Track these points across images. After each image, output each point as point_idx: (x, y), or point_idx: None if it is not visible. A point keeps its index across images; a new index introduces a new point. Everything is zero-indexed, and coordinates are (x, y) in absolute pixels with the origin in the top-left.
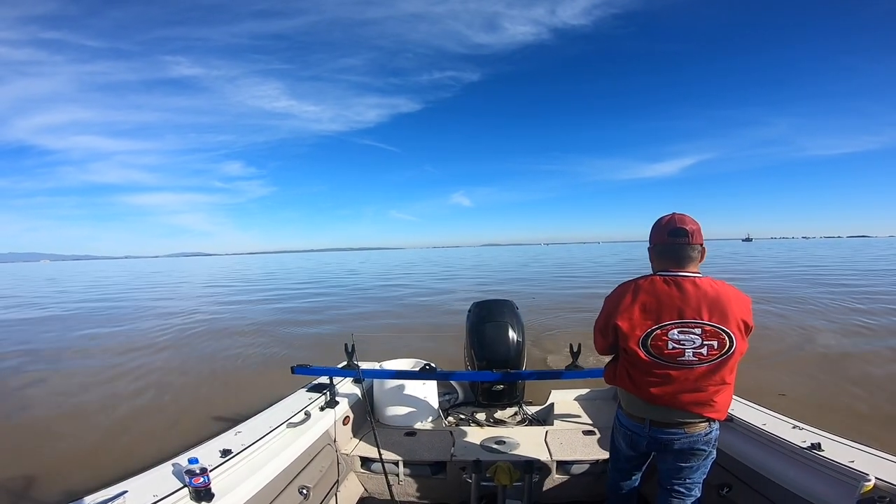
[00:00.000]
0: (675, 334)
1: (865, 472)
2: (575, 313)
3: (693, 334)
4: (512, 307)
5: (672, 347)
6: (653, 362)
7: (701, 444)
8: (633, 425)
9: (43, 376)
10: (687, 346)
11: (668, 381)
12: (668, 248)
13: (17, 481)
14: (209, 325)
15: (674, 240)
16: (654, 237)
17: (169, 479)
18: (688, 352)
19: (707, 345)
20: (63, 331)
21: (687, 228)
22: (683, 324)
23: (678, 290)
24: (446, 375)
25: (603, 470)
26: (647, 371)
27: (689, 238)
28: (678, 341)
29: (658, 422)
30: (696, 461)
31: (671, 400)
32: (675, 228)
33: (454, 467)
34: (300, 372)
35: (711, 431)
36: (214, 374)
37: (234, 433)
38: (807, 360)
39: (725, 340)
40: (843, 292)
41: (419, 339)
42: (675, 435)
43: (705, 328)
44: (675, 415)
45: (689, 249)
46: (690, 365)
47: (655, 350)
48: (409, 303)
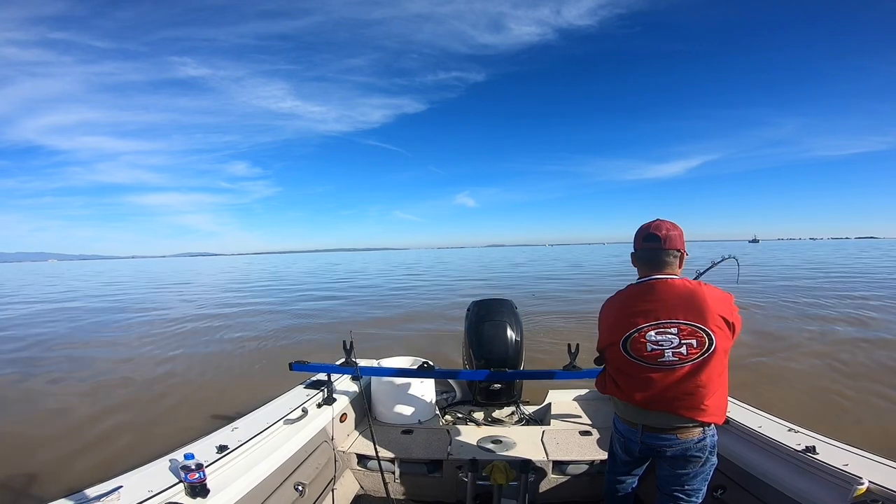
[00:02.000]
0: (653, 336)
1: (859, 476)
2: (575, 313)
3: (669, 334)
4: (511, 307)
5: (651, 349)
6: (635, 365)
7: (695, 450)
8: (626, 430)
9: (42, 374)
10: (665, 346)
11: (652, 384)
12: (644, 252)
13: (11, 477)
14: (209, 325)
15: (648, 244)
16: (634, 243)
17: (165, 475)
18: (667, 352)
19: (686, 343)
20: (60, 331)
21: (660, 234)
22: (659, 324)
23: (651, 292)
24: (444, 374)
25: (599, 471)
26: (630, 375)
27: (661, 243)
28: (656, 342)
29: (651, 427)
30: (692, 468)
31: (660, 403)
32: (649, 234)
33: (450, 466)
34: (298, 368)
35: (706, 437)
36: (213, 370)
37: (231, 429)
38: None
39: (704, 339)
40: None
41: (418, 338)
42: (667, 441)
43: (681, 327)
44: (667, 419)
45: (662, 254)
46: (672, 366)
47: (636, 353)
48: (409, 302)
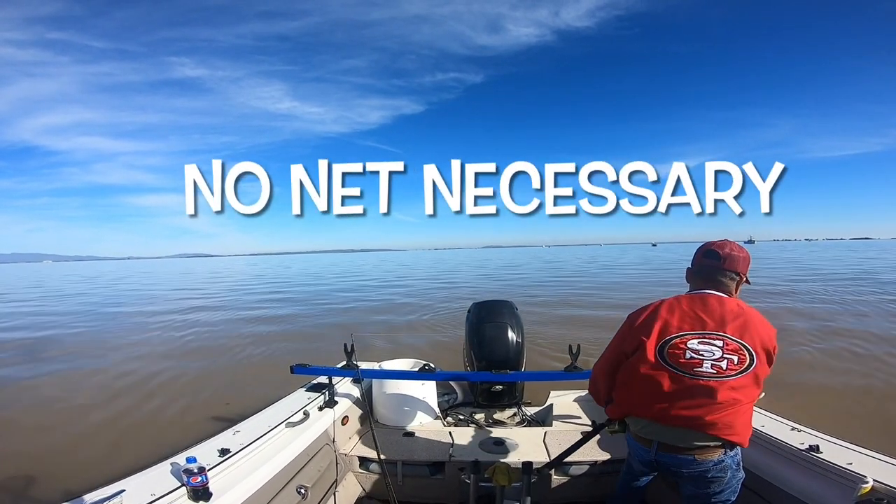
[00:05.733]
0: (695, 344)
1: (863, 474)
2: (575, 313)
3: (714, 346)
4: (511, 308)
5: (689, 357)
6: (666, 373)
7: (715, 472)
8: (638, 449)
9: (40, 374)
10: (706, 356)
11: (679, 396)
12: (700, 268)
13: (12, 480)
14: (209, 324)
15: (707, 260)
16: (693, 259)
17: (167, 478)
18: (706, 363)
19: (728, 358)
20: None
21: (721, 252)
22: (704, 335)
23: (702, 303)
24: (445, 376)
25: (602, 471)
26: (654, 384)
27: (721, 261)
28: (697, 351)
29: (667, 445)
30: (716, 486)
31: (680, 419)
32: (710, 250)
33: (453, 468)
34: (299, 371)
35: (726, 459)
36: (214, 373)
37: (233, 432)
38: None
39: (746, 357)
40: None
41: (419, 340)
42: (683, 461)
43: (727, 341)
44: (687, 436)
45: (718, 272)
46: (707, 377)
47: (672, 358)
48: (410, 303)
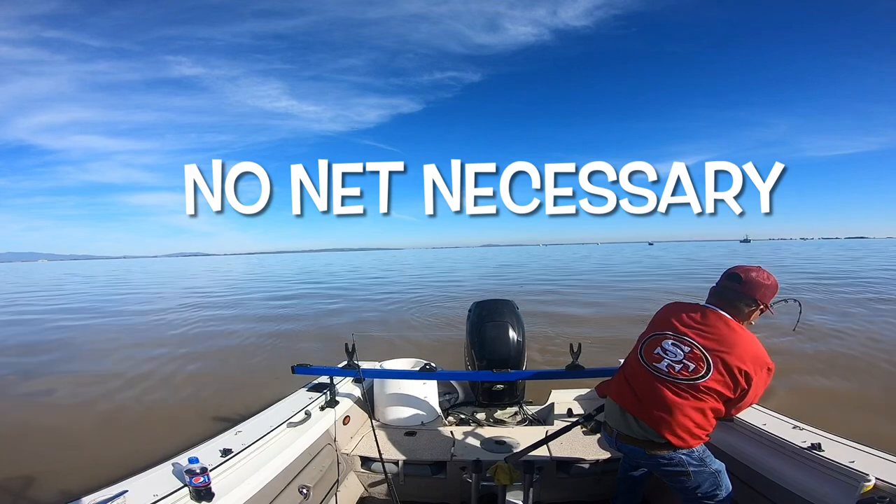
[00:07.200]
0: (668, 344)
1: (866, 472)
2: (575, 313)
3: (681, 350)
4: (512, 307)
5: (657, 353)
6: (638, 366)
7: (670, 466)
8: (606, 437)
9: (40, 374)
10: (668, 357)
11: (639, 388)
12: (720, 288)
13: (14, 481)
14: (209, 324)
15: (727, 283)
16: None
17: (169, 479)
18: (665, 361)
19: (684, 363)
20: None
21: (743, 276)
22: (678, 338)
23: (699, 312)
24: (447, 375)
25: (603, 470)
26: (630, 376)
27: (740, 286)
28: (665, 350)
29: (623, 435)
30: (685, 480)
31: (636, 409)
32: (733, 273)
33: (454, 467)
34: (300, 372)
35: (676, 456)
36: (215, 373)
37: (235, 433)
38: None
39: (703, 367)
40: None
41: (419, 339)
42: (638, 453)
43: (694, 349)
44: (636, 427)
45: (733, 295)
46: (661, 375)
47: (646, 353)
48: (410, 303)
